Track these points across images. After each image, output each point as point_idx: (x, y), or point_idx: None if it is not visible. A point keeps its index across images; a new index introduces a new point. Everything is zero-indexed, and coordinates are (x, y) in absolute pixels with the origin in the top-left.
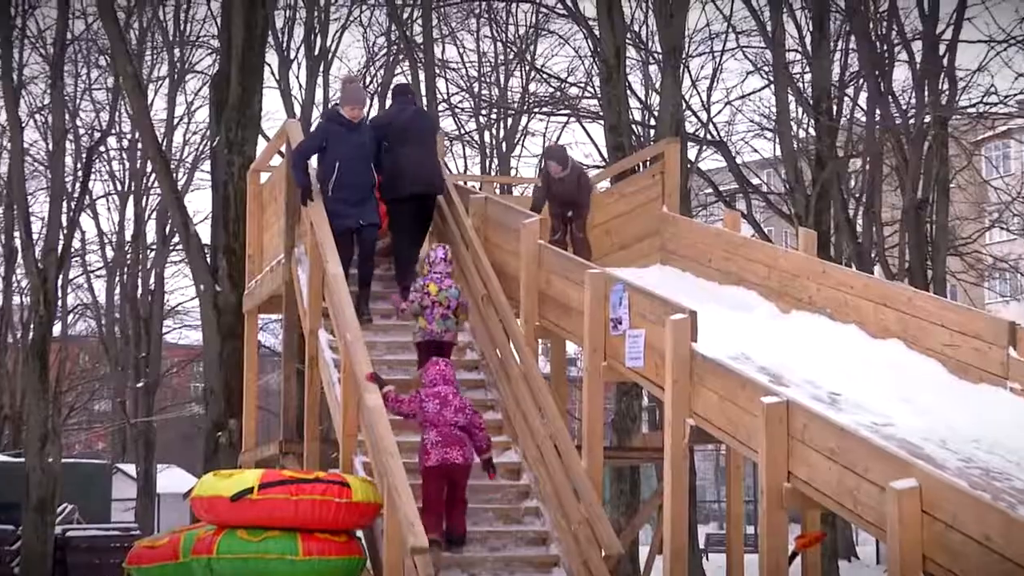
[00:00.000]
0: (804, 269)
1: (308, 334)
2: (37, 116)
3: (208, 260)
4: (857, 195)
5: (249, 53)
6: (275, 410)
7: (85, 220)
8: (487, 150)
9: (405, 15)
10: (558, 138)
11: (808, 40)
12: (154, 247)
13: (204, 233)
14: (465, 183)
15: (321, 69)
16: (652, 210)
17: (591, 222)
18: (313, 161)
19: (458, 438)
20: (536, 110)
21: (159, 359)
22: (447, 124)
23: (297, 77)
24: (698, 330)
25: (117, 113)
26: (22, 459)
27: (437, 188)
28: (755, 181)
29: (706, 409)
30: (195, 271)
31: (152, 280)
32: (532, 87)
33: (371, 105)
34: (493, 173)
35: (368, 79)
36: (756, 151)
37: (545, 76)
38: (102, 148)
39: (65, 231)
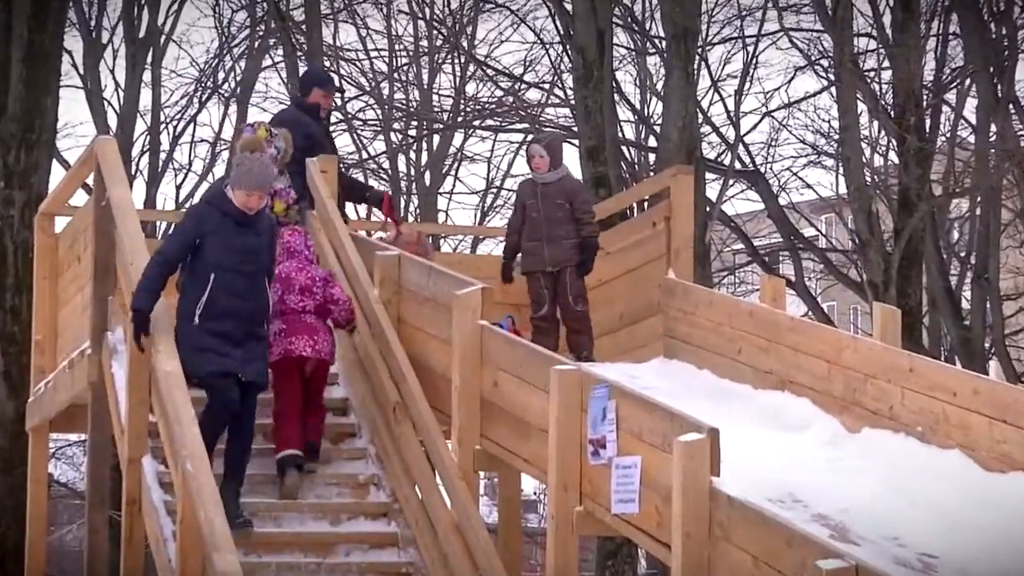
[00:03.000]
0: (882, 366)
1: (127, 463)
2: None
3: None
4: (962, 254)
5: (38, 35)
6: None
7: None
8: (402, 183)
9: None
10: (511, 164)
11: (888, 21)
12: None
13: None
14: (368, 233)
15: (149, 60)
16: (652, 275)
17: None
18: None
19: (307, 326)
20: (476, 123)
21: None
22: (343, 142)
23: (112, 72)
24: (721, 458)
25: None
26: None
27: None
28: (808, 232)
29: None
30: None
31: None
32: (471, 89)
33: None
34: (412, 218)
35: (220, 76)
36: (809, 187)
37: (490, 73)
38: None
39: None
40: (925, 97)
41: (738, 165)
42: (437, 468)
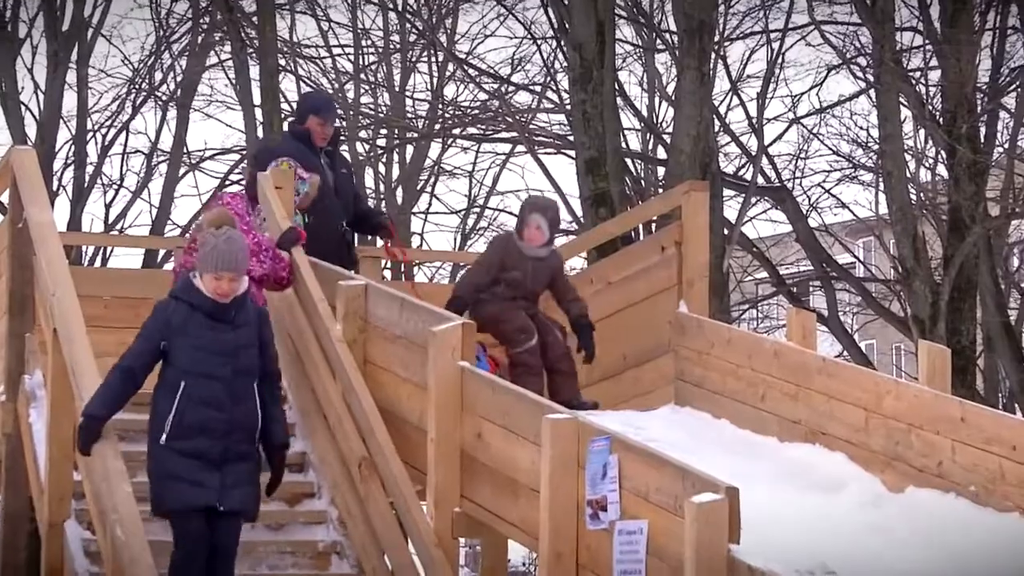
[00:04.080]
0: (930, 415)
1: (47, 528)
2: None
3: None
4: (1023, 284)
5: None
6: None
7: None
8: (370, 201)
9: None
10: (496, 180)
11: (937, 13)
12: None
13: None
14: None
15: (74, 57)
16: (661, 309)
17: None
18: None
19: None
20: (456, 132)
21: None
22: None
23: (31, 71)
24: (741, 523)
25: None
26: None
27: None
28: (843, 258)
29: None
30: None
31: None
32: (449, 92)
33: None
34: (381, 241)
35: (158, 76)
36: (844, 206)
37: (473, 74)
38: None
39: None
40: (979, 101)
41: (761, 180)
42: (410, 534)
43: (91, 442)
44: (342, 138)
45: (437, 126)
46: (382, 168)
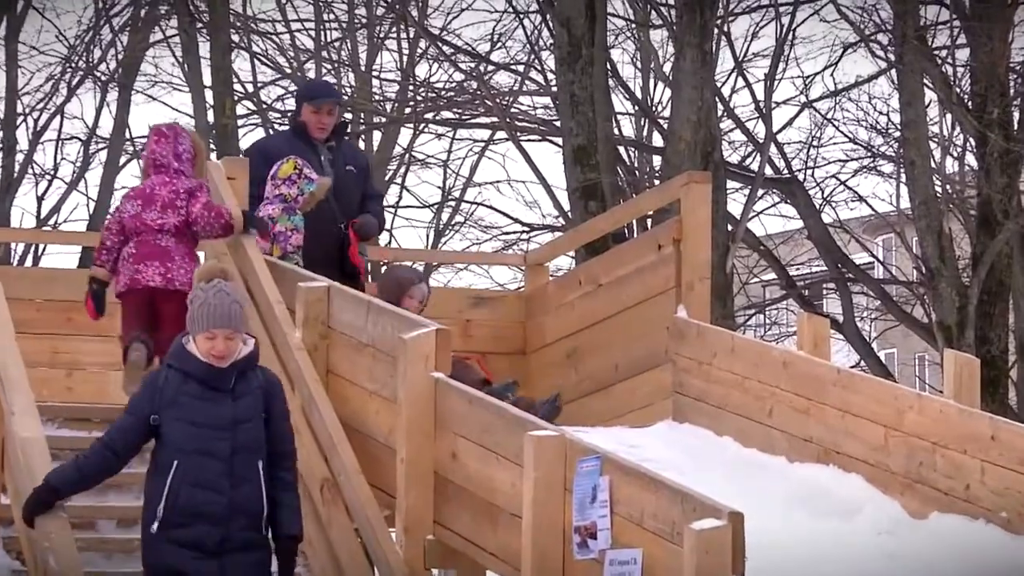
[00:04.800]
0: (956, 432)
1: None
2: None
3: None
4: None
5: None
6: None
7: None
8: None
9: None
10: (474, 168)
11: None
12: None
13: None
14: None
15: (3, 33)
16: (657, 314)
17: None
18: None
19: (160, 249)
20: (429, 116)
21: None
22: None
23: None
24: (745, 551)
25: None
26: None
27: None
28: (860, 258)
29: None
30: None
31: None
32: (422, 72)
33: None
34: None
35: (96, 54)
36: (861, 199)
37: (448, 51)
38: None
39: None
40: (1012, 84)
41: (769, 171)
42: (377, 564)
43: (39, 513)
44: (348, 130)
45: (408, 110)
46: None
